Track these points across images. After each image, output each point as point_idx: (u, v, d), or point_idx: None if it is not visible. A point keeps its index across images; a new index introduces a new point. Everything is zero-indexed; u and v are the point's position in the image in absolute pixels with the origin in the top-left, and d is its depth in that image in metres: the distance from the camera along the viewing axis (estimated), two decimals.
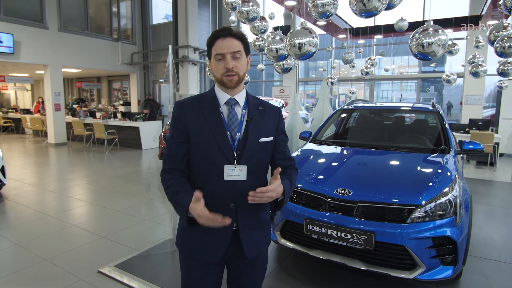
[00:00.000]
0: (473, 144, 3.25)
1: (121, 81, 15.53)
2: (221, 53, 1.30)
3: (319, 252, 2.55)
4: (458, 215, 2.34)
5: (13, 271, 2.93)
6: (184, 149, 1.37)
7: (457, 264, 2.29)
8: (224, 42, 1.31)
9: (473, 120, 8.02)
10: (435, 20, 9.07)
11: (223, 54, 1.30)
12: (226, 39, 1.31)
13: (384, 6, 2.44)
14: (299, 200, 2.69)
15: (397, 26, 3.16)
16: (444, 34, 2.76)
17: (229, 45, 1.30)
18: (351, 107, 4.43)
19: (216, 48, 1.32)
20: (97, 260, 3.13)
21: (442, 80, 7.20)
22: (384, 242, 2.28)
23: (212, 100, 1.39)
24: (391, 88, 15.56)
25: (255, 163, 1.37)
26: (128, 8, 13.69)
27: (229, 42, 1.31)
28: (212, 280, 1.42)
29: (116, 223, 4.08)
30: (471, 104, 9.50)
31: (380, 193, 2.44)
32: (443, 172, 2.65)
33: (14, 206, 4.66)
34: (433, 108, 3.82)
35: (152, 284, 2.68)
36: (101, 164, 7.87)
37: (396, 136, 3.87)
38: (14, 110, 15.48)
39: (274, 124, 1.46)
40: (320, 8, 2.65)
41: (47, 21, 10.47)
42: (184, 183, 1.35)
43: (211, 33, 1.36)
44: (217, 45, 1.31)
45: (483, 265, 3.03)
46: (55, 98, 10.78)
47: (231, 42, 1.31)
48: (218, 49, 1.31)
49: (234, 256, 1.41)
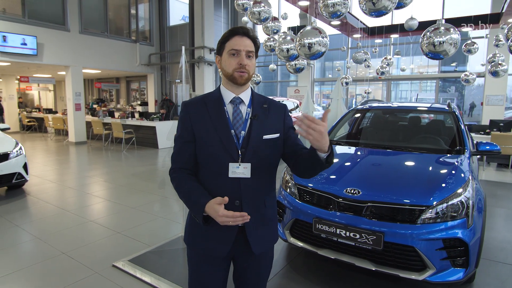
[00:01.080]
0: (490, 145, 3.17)
1: (139, 81, 15.87)
2: (237, 49, 1.34)
3: (327, 251, 2.55)
4: (470, 216, 2.30)
5: (34, 262, 3.07)
6: (191, 148, 1.41)
7: (468, 266, 2.25)
8: (241, 40, 1.35)
9: (494, 121, 7.77)
10: (454, 19, 8.85)
11: (238, 51, 1.34)
12: (243, 37, 1.35)
13: (394, 5, 2.42)
14: (309, 200, 2.70)
15: (406, 25, 3.13)
16: (455, 33, 2.71)
17: (245, 43, 1.35)
18: (365, 107, 4.39)
19: (232, 43, 1.35)
20: (112, 254, 3.23)
21: (461, 80, 7.02)
22: (394, 243, 2.26)
23: (218, 100, 1.42)
24: (410, 89, 15.25)
25: (260, 160, 1.39)
26: (146, 10, 13.98)
27: (246, 41, 1.35)
28: (218, 275, 1.46)
29: (131, 219, 4.19)
30: (493, 105, 9.20)
31: (390, 193, 2.42)
32: (456, 173, 2.60)
33: (35, 202, 4.86)
34: (448, 108, 3.74)
35: (164, 279, 2.75)
36: (118, 162, 8.08)
37: (410, 136, 3.81)
38: (37, 110, 16.08)
39: (280, 121, 1.47)
40: (331, 8, 2.65)
41: (68, 24, 10.83)
42: (195, 182, 1.39)
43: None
44: (234, 41, 1.35)
45: (499, 269, 2.95)
46: (75, 98, 11.14)
47: (247, 41, 1.35)
48: (234, 45, 1.34)
49: (241, 252, 1.44)
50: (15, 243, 3.50)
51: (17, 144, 5.41)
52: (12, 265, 3.03)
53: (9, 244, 3.48)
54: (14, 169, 5.12)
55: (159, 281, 2.72)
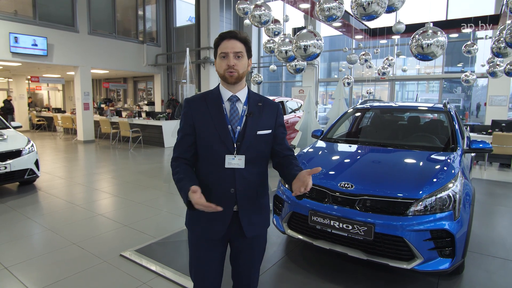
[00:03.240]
0: (482, 144, 3.28)
1: (145, 81, 16.13)
2: (225, 52, 1.49)
3: (322, 242, 2.69)
4: (457, 210, 2.42)
5: (46, 252, 3.26)
6: (190, 140, 1.57)
7: (455, 257, 2.37)
8: (228, 43, 1.49)
9: (496, 122, 7.81)
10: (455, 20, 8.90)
11: (226, 53, 1.49)
12: (230, 40, 1.50)
13: (383, 10, 2.55)
14: (306, 193, 2.84)
15: (394, 28, 3.26)
16: (442, 36, 2.83)
17: (232, 45, 1.49)
18: (365, 107, 4.51)
19: (221, 47, 1.50)
20: (120, 245, 3.41)
21: (461, 81, 7.08)
22: (384, 234, 2.40)
23: (217, 97, 1.58)
24: (417, 89, 15.27)
25: (254, 153, 1.55)
26: (153, 11, 14.22)
27: (233, 43, 1.49)
28: (216, 256, 1.61)
29: (137, 213, 4.37)
30: (496, 105, 9.24)
31: (381, 187, 2.56)
32: (445, 168, 2.72)
33: (46, 197, 5.07)
34: (444, 108, 3.85)
35: (168, 267, 2.91)
36: (125, 160, 8.30)
37: (407, 135, 3.94)
38: (47, 109, 16.44)
39: (273, 119, 1.63)
40: (327, 11, 2.80)
41: (77, 25, 11.10)
42: (188, 170, 1.54)
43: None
44: (223, 45, 1.50)
45: (489, 262, 3.06)
46: (84, 97, 11.41)
47: (234, 43, 1.49)
48: (223, 48, 1.50)
49: (236, 235, 1.59)
50: (28, 234, 3.70)
51: (29, 142, 5.63)
52: (25, 254, 3.22)
53: (22, 235, 3.68)
54: (26, 165, 5.34)
55: (164, 269, 2.89)
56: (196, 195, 1.35)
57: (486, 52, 8.70)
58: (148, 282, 2.73)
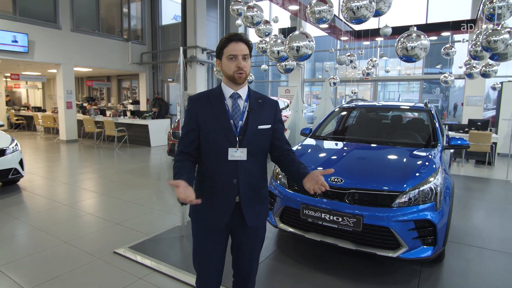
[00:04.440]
0: (461, 140, 3.50)
1: (130, 80, 15.92)
2: (234, 54, 1.58)
3: (314, 234, 2.82)
4: (438, 201, 2.60)
5: (37, 251, 3.24)
6: (193, 135, 1.66)
7: (436, 245, 2.54)
8: (237, 45, 1.58)
9: (472, 121, 8.20)
10: (435, 24, 9.27)
11: (235, 55, 1.58)
12: (238, 43, 1.59)
13: (371, 14, 2.71)
14: (297, 188, 2.96)
15: (382, 32, 3.44)
16: (426, 39, 3.02)
17: (241, 48, 1.58)
18: (350, 106, 4.68)
19: (229, 49, 1.59)
20: (112, 243, 3.42)
21: (440, 82, 7.41)
22: (371, 224, 2.55)
23: (219, 95, 1.67)
24: (398, 90, 15.75)
25: (255, 146, 1.65)
26: (138, 9, 14.06)
27: (241, 46, 1.59)
28: (218, 246, 1.69)
29: (128, 212, 4.38)
30: (472, 105, 9.67)
31: (369, 181, 2.71)
32: (427, 163, 2.90)
33: (32, 196, 5.00)
34: (425, 107, 4.06)
35: (164, 262, 2.97)
36: (111, 159, 8.21)
37: (390, 132, 4.12)
38: (26, 108, 15.96)
39: (272, 114, 1.74)
40: (317, 14, 2.93)
41: (60, 22, 10.87)
42: (185, 166, 1.62)
43: (224, 35, 1.64)
44: (231, 47, 1.59)
45: (467, 251, 3.28)
46: (67, 96, 11.18)
47: (242, 46, 1.59)
48: (231, 50, 1.58)
49: (237, 225, 1.68)
50: (17, 234, 3.67)
51: (13, 141, 5.53)
52: (16, 253, 3.20)
53: (10, 235, 3.64)
54: (10, 164, 5.24)
55: (159, 264, 2.94)
56: (178, 189, 1.42)
57: (463, 54, 9.11)
58: (144, 277, 2.78)
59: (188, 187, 1.45)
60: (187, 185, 1.45)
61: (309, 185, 1.57)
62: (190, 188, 1.46)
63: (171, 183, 1.44)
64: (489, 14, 3.16)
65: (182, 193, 1.42)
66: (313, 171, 1.59)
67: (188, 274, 2.77)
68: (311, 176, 1.58)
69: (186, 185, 1.45)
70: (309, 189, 1.57)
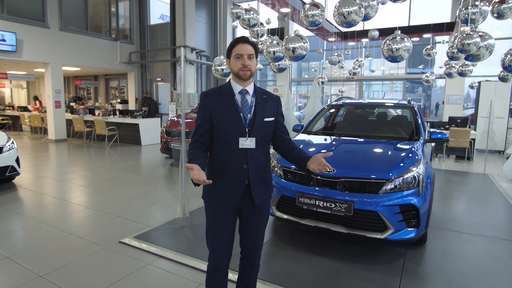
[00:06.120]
0: (440, 134, 3.82)
1: (118, 79, 15.86)
2: (240, 54, 1.81)
3: (308, 220, 3.07)
4: (421, 187, 2.88)
5: (44, 242, 3.37)
6: (206, 126, 1.87)
7: (419, 227, 2.83)
8: (243, 46, 1.82)
9: (452, 118, 8.66)
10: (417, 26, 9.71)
11: (241, 55, 1.81)
12: (244, 44, 1.83)
13: (360, 19, 2.98)
14: (293, 179, 3.21)
15: (370, 35, 3.73)
16: (409, 41, 3.33)
17: (246, 48, 1.81)
18: (338, 103, 4.96)
19: (236, 49, 1.83)
20: (116, 234, 3.59)
21: (422, 81, 7.81)
22: (361, 209, 2.81)
23: (229, 91, 1.89)
24: (382, 89, 16.28)
25: (261, 136, 1.88)
26: (126, 8, 14.05)
27: (247, 47, 1.82)
28: (228, 222, 1.91)
29: (127, 206, 4.53)
30: (452, 104, 10.17)
31: (358, 170, 2.97)
32: (410, 155, 3.19)
33: (30, 193, 5.08)
34: (408, 104, 4.38)
35: (169, 249, 3.16)
36: (103, 158, 8.28)
37: (376, 128, 4.42)
38: (11, 108, 15.69)
39: (275, 108, 1.97)
40: (310, 18, 3.19)
41: (48, 21, 10.80)
42: (199, 153, 1.84)
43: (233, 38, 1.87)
44: (238, 47, 1.82)
45: (447, 235, 3.60)
46: (55, 95, 11.12)
47: (248, 46, 1.82)
48: (238, 50, 1.82)
49: (246, 205, 1.90)
50: (22, 228, 3.78)
51: (10, 139, 5.58)
52: (24, 244, 3.33)
53: (15, 228, 3.75)
54: (7, 162, 5.30)
55: (164, 251, 3.13)
56: (193, 171, 1.63)
57: (444, 55, 9.58)
58: (152, 263, 2.96)
59: (201, 170, 1.67)
60: (200, 169, 1.67)
61: (313, 166, 1.80)
62: (202, 171, 1.68)
63: (187, 165, 1.66)
64: (464, 19, 3.50)
65: (196, 174, 1.63)
66: (315, 155, 1.83)
67: (193, 258, 2.98)
68: (314, 159, 1.82)
69: (199, 168, 1.67)
70: (314, 170, 1.81)
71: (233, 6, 4.22)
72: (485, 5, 3.50)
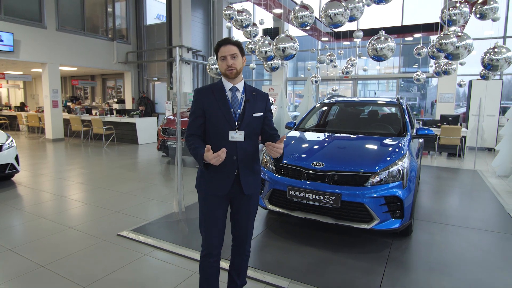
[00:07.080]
0: (427, 130, 3.97)
1: (115, 79, 15.95)
2: (223, 56, 1.96)
3: (299, 212, 3.21)
4: (405, 180, 3.03)
5: (44, 235, 3.50)
6: (200, 121, 2.01)
7: (404, 217, 2.98)
8: (225, 48, 1.96)
9: (444, 116, 8.83)
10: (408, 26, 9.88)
11: (225, 56, 1.95)
12: (226, 46, 1.96)
13: (346, 20, 3.13)
14: (284, 173, 3.35)
15: (354, 35, 3.89)
16: (392, 41, 3.48)
17: (228, 50, 1.95)
18: (330, 101, 5.11)
19: (220, 52, 1.98)
20: (115, 227, 3.71)
21: (413, 79, 7.98)
22: (348, 201, 2.95)
23: (221, 88, 2.03)
24: (378, 88, 16.46)
25: (250, 130, 2.02)
26: (123, 8, 14.14)
27: (229, 48, 1.96)
28: (220, 210, 2.04)
29: (125, 201, 4.65)
30: (445, 102, 10.35)
31: (346, 164, 3.12)
32: (397, 150, 3.34)
33: (29, 190, 5.19)
34: (397, 101, 4.53)
35: (165, 241, 3.29)
36: (101, 156, 8.39)
37: (366, 125, 4.57)
38: (8, 108, 15.73)
39: (263, 105, 2.11)
40: (300, 19, 3.32)
41: (45, 21, 10.88)
42: (200, 142, 1.98)
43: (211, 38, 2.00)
44: (221, 50, 1.97)
45: (433, 227, 3.75)
46: (52, 95, 11.20)
47: (230, 47, 1.96)
48: (221, 52, 1.97)
49: (236, 194, 2.04)
50: (22, 222, 3.89)
51: (9, 137, 5.68)
52: (25, 238, 3.44)
53: (16, 223, 3.87)
54: (7, 160, 5.40)
55: (161, 243, 3.26)
56: (210, 152, 1.78)
57: None
58: (149, 254, 3.09)
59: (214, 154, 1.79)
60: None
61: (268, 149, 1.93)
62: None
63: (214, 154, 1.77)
64: (447, 20, 3.66)
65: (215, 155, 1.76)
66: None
67: (188, 249, 3.11)
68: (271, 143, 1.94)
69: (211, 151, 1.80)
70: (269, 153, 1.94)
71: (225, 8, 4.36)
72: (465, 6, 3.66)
